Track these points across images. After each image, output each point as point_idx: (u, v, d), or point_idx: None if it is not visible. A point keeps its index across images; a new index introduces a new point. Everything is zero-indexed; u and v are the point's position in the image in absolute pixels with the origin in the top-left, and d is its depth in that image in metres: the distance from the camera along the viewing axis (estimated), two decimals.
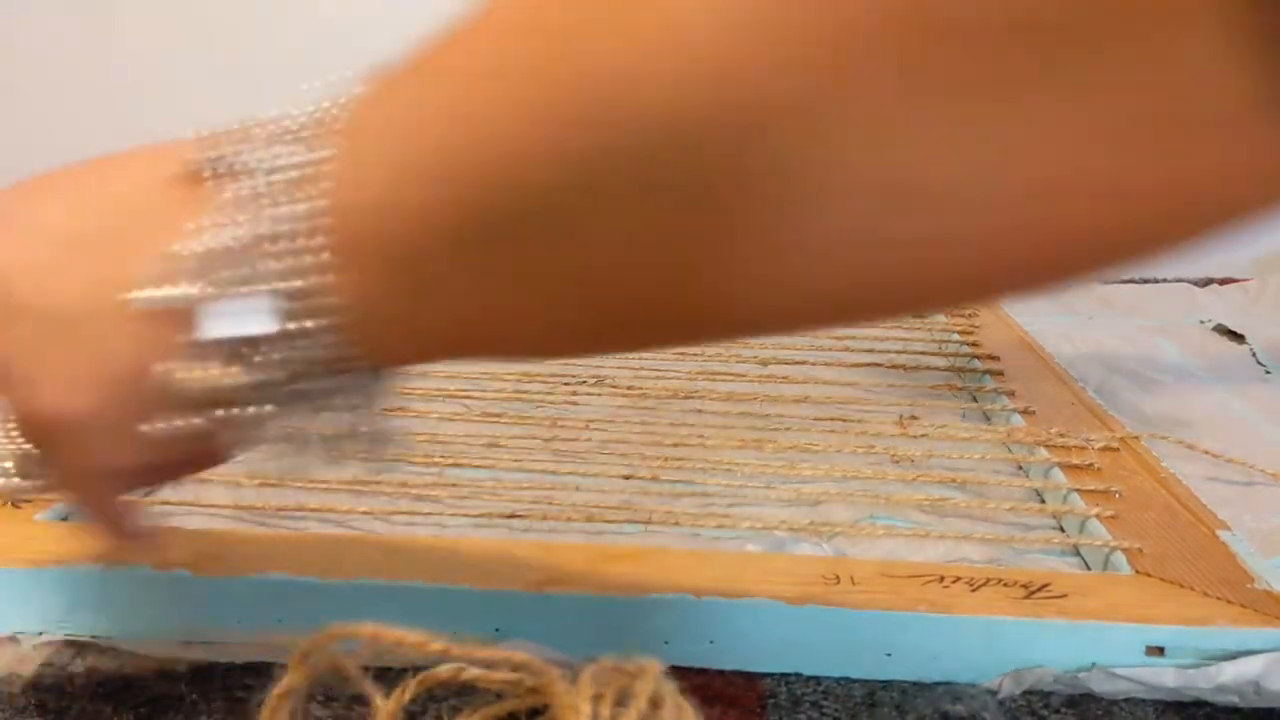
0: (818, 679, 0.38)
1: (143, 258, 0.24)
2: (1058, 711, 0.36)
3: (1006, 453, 0.58)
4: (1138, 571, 0.41)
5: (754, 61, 0.18)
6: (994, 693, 0.37)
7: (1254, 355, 0.78)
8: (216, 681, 0.37)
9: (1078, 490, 0.49)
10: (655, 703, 0.28)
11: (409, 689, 0.30)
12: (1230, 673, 0.36)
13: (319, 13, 1.21)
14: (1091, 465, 0.52)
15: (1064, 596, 0.38)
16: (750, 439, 0.56)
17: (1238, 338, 0.82)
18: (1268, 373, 0.75)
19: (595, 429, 0.57)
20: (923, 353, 0.75)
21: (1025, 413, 0.59)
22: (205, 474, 0.51)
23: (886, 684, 0.38)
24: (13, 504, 0.45)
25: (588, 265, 0.21)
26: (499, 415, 0.59)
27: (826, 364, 0.71)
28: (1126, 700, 0.37)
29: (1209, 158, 0.17)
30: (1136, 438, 0.56)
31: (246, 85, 1.24)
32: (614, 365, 0.69)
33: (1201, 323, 0.87)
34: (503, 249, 0.21)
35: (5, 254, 0.25)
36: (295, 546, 0.41)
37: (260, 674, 0.37)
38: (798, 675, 0.38)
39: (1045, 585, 0.39)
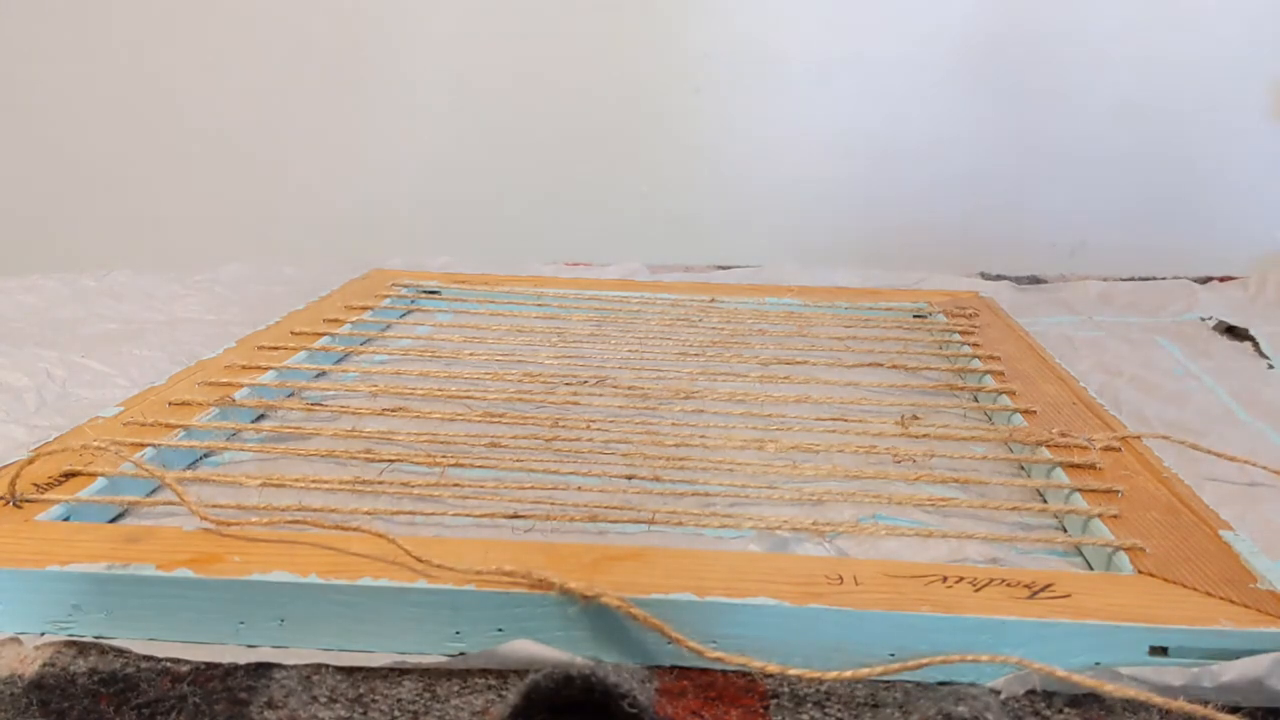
0: (820, 679, 0.38)
1: None
2: (1061, 711, 0.36)
3: (1008, 452, 0.58)
4: (1140, 572, 0.41)
5: None
6: (997, 692, 0.37)
7: (1257, 348, 0.78)
8: (218, 682, 0.37)
9: (1080, 490, 0.49)
10: None
11: None
12: (1234, 672, 0.36)
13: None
14: (1093, 465, 0.52)
15: (1067, 596, 0.38)
16: (752, 439, 0.56)
17: (1238, 335, 0.82)
18: (1270, 366, 0.75)
19: (597, 429, 0.57)
20: (923, 353, 0.75)
21: (1026, 413, 0.59)
22: (206, 474, 0.51)
23: (890, 684, 0.38)
24: (14, 504, 0.44)
25: None
26: (500, 415, 0.59)
27: (827, 364, 0.71)
28: (1130, 700, 0.37)
29: None
30: (1138, 437, 0.56)
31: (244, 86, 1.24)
32: (615, 365, 0.69)
33: (1202, 320, 0.87)
34: None
35: None
36: (296, 547, 0.41)
37: (261, 674, 0.37)
38: (800, 675, 0.38)
39: (1049, 585, 0.39)
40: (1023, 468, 0.56)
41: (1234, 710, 0.34)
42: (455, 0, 1.18)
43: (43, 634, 0.39)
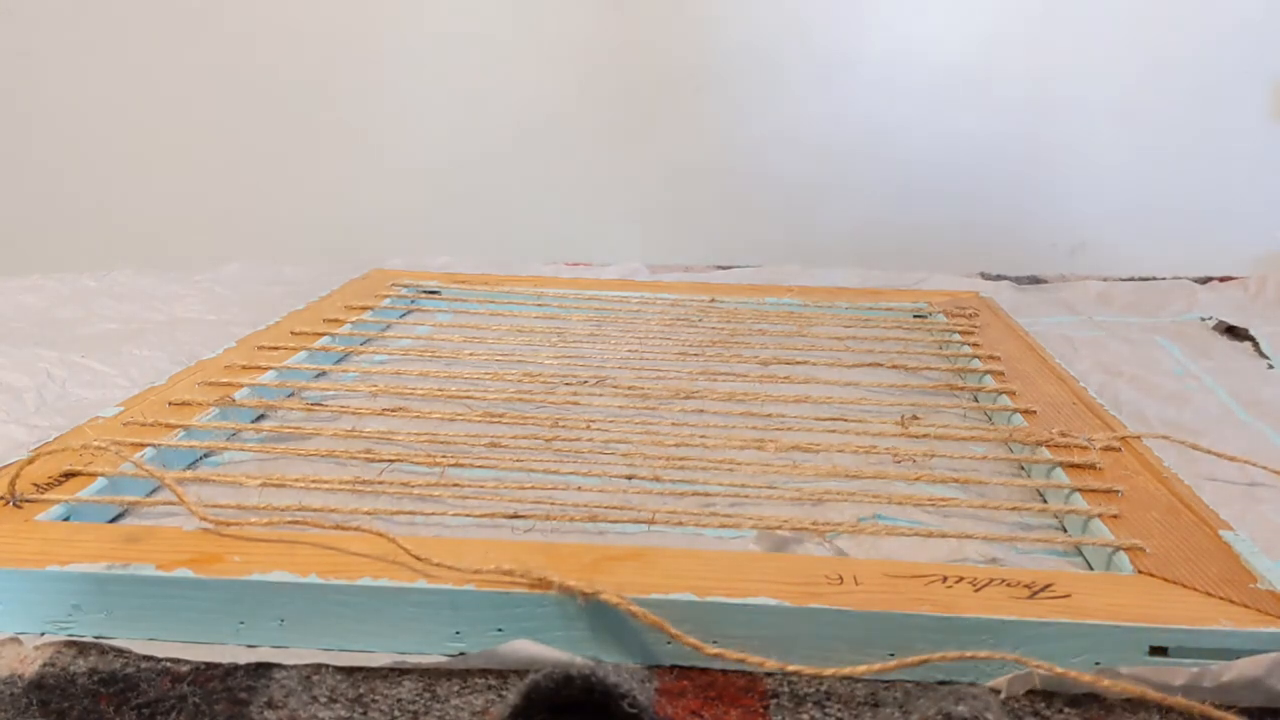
0: (820, 679, 0.38)
1: None
2: (1060, 711, 0.36)
3: (1008, 452, 0.58)
4: (1140, 571, 0.41)
5: None
6: (997, 692, 0.37)
7: (1257, 348, 0.78)
8: (218, 682, 0.37)
9: (1080, 490, 0.49)
10: None
11: None
12: (1234, 672, 0.36)
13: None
14: (1093, 465, 0.52)
15: (1067, 596, 0.38)
16: (752, 439, 0.56)
17: (1238, 335, 0.82)
18: (1270, 366, 0.75)
19: (597, 429, 0.57)
20: (923, 353, 0.75)
21: (1026, 413, 0.59)
22: (206, 474, 0.51)
23: (889, 684, 0.38)
24: (14, 504, 0.44)
25: None
26: (500, 415, 0.59)
27: (827, 364, 0.70)
28: (1129, 700, 0.37)
29: None
30: (1138, 437, 0.56)
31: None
32: (615, 365, 0.69)
33: (1202, 320, 0.87)
34: None
35: None
36: (296, 547, 0.41)
37: (261, 674, 0.37)
38: (800, 675, 0.38)
39: (1048, 585, 0.39)
40: (1023, 468, 0.56)
41: (1234, 710, 0.34)
42: (453, 1, 1.18)
43: (43, 634, 0.39)
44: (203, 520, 0.42)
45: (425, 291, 0.90)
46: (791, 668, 0.36)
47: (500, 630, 0.38)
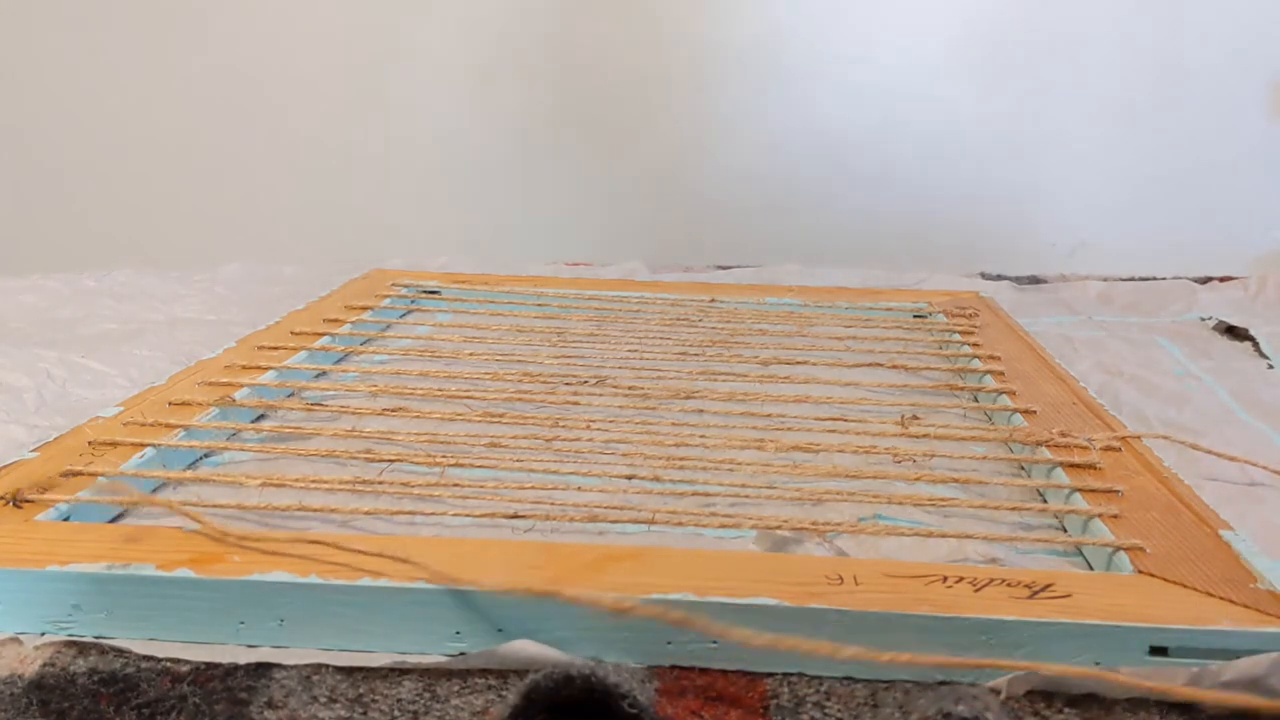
0: (820, 679, 0.38)
1: None
2: (1061, 712, 0.36)
3: (1008, 452, 0.58)
4: (1140, 571, 0.41)
5: None
6: (997, 692, 0.37)
7: (1257, 348, 0.78)
8: (218, 682, 0.37)
9: (1080, 490, 0.49)
10: None
11: None
12: (1234, 672, 0.36)
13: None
14: (1093, 465, 0.52)
15: (1067, 596, 0.38)
16: (752, 439, 0.56)
17: (1238, 335, 0.82)
18: (1270, 366, 0.75)
19: (597, 429, 0.57)
20: (923, 353, 0.75)
21: (1026, 412, 0.59)
22: (206, 474, 0.51)
23: (889, 684, 0.38)
24: (14, 504, 0.44)
25: None
26: (500, 415, 0.59)
27: (827, 364, 0.70)
28: (1129, 700, 0.37)
29: None
30: (1138, 437, 0.56)
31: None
32: (615, 366, 0.69)
33: (1202, 320, 0.87)
34: None
35: None
36: (297, 547, 0.41)
37: (261, 674, 0.37)
38: (800, 675, 0.38)
39: (1049, 585, 0.39)
40: (1023, 468, 0.56)
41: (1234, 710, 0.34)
42: (454, 1, 1.18)
43: (43, 634, 0.39)
44: (191, 520, 0.42)
45: (425, 291, 0.90)
46: (788, 643, 0.34)
47: (501, 630, 0.38)
